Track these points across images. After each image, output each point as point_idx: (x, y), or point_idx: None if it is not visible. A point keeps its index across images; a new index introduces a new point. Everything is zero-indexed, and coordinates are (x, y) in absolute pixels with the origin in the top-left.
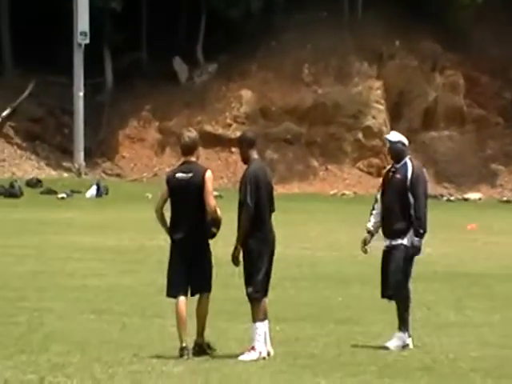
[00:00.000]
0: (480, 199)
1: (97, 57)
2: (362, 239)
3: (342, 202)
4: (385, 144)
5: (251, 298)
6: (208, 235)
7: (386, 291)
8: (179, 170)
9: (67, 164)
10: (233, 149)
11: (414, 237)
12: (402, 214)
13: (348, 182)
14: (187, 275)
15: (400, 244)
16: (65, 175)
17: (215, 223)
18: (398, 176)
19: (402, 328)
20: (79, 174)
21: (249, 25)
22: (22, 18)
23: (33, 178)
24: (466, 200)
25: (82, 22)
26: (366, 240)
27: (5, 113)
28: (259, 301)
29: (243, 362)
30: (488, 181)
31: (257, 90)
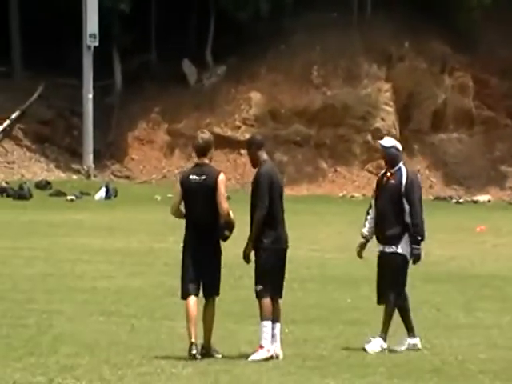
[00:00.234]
0: (489, 201)
1: (106, 59)
2: (358, 244)
3: (351, 204)
4: None
5: (259, 296)
6: (221, 237)
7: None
8: (193, 173)
9: (76, 166)
10: (241, 151)
11: (413, 244)
12: (396, 220)
13: (357, 184)
14: (199, 277)
15: (394, 252)
16: (74, 177)
17: (228, 226)
18: (393, 181)
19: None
20: (88, 176)
21: (258, 27)
22: (32, 21)
23: (42, 180)
24: (475, 202)
25: (91, 24)
26: (362, 245)
27: (14, 115)
28: (266, 299)
29: (252, 364)
30: (497, 183)
31: (266, 92)
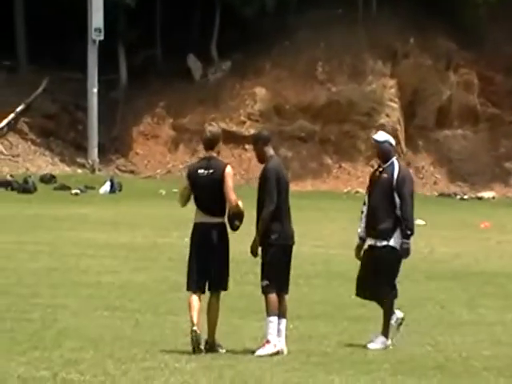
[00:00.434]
0: (493, 198)
1: (111, 53)
2: (356, 246)
3: (356, 200)
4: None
5: (265, 292)
6: (231, 228)
7: (364, 292)
8: (200, 166)
9: (81, 160)
10: (246, 146)
11: (403, 238)
12: (388, 214)
13: (362, 180)
14: (205, 272)
15: (386, 245)
16: (79, 171)
17: (238, 217)
18: (385, 175)
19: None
20: (93, 171)
21: (263, 23)
22: (37, 15)
23: (47, 174)
24: (480, 199)
25: (97, 19)
26: (359, 246)
27: (19, 109)
28: (271, 294)
29: (256, 359)
30: (502, 179)
31: (271, 88)
